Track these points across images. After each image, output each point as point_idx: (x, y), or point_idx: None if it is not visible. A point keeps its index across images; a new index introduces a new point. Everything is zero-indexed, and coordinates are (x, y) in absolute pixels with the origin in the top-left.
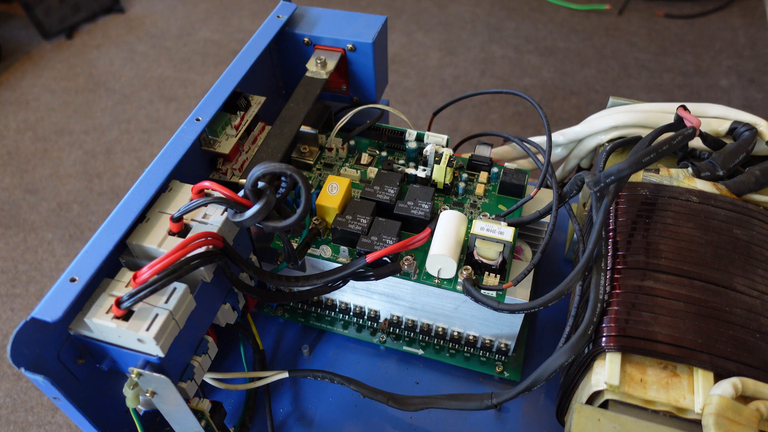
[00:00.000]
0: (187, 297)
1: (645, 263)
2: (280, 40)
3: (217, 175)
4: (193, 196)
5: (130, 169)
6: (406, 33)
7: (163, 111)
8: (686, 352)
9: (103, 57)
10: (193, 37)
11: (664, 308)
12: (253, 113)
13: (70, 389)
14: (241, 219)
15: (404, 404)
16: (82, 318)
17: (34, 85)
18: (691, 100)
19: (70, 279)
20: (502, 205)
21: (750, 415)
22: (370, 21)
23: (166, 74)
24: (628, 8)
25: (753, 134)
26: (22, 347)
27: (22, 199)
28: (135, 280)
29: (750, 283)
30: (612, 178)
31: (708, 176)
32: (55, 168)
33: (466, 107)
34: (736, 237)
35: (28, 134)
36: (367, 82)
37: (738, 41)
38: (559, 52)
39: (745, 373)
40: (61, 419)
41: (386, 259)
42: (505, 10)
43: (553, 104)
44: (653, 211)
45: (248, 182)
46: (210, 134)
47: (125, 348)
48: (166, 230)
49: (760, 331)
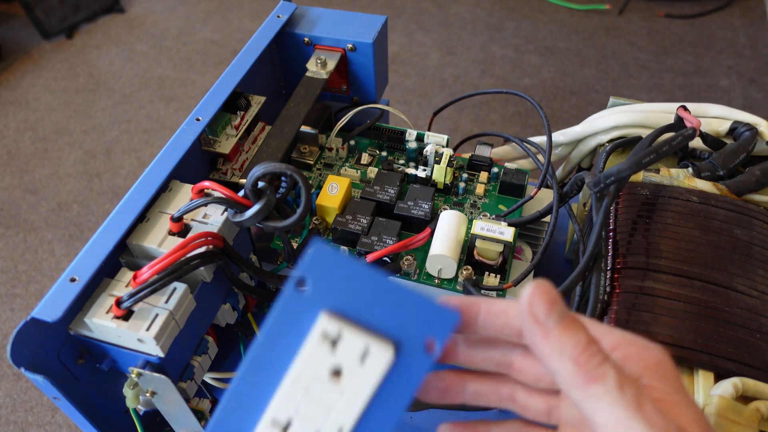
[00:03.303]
0: (187, 297)
1: (645, 263)
2: (280, 40)
3: (217, 175)
4: (193, 196)
5: (130, 169)
6: (406, 33)
7: (163, 111)
8: (686, 352)
9: (103, 57)
10: (193, 37)
11: (664, 308)
12: (253, 113)
13: (70, 389)
14: (241, 219)
15: None
16: (82, 318)
17: (34, 84)
18: (692, 100)
19: (70, 279)
20: (502, 205)
21: (750, 415)
22: (370, 21)
23: (167, 74)
24: (628, 8)
25: (753, 134)
26: (22, 347)
27: (22, 199)
28: (135, 280)
29: (750, 283)
30: (612, 178)
31: (708, 176)
32: (55, 168)
33: (466, 107)
34: (737, 237)
35: (28, 134)
36: (367, 82)
37: (738, 41)
38: (559, 52)
39: (745, 373)
40: (61, 419)
41: (386, 259)
42: (505, 10)
43: (553, 104)
44: (653, 211)
45: (248, 182)
46: (210, 134)
47: (125, 348)
48: (166, 230)
49: (760, 331)
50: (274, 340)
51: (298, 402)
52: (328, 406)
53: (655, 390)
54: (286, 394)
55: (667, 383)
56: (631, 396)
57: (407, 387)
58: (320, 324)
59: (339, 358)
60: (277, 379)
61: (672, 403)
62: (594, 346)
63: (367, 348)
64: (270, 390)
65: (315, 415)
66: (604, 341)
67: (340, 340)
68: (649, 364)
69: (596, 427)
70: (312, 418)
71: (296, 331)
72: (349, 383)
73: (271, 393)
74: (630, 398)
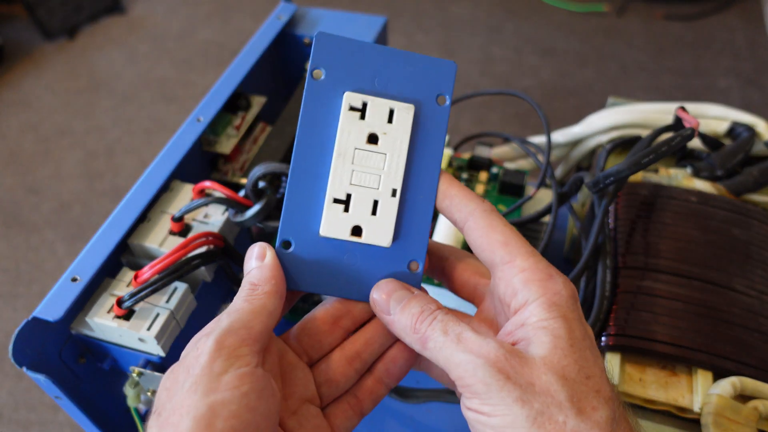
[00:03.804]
0: (188, 297)
1: (644, 263)
2: (280, 40)
3: (217, 175)
4: (194, 196)
5: (132, 169)
6: (406, 34)
7: (164, 111)
8: (685, 351)
9: (105, 58)
10: (194, 37)
11: (663, 308)
12: (254, 114)
13: (72, 388)
14: (242, 219)
15: (407, 396)
16: (83, 317)
17: (36, 85)
18: (690, 100)
19: (71, 278)
20: (502, 205)
21: (749, 414)
22: (370, 22)
23: (168, 75)
24: (627, 10)
25: (751, 135)
26: (24, 346)
27: (24, 199)
28: (136, 279)
29: (748, 282)
30: (611, 179)
31: (707, 176)
32: (57, 168)
33: (466, 107)
34: (735, 237)
35: (30, 135)
36: None
37: (736, 42)
38: (558, 53)
39: (744, 373)
40: (63, 418)
41: None
42: (505, 11)
43: (553, 105)
44: (652, 211)
45: (249, 182)
46: (211, 134)
47: (126, 347)
48: (167, 230)
49: (759, 330)
50: (310, 130)
51: (350, 174)
52: (376, 169)
53: (536, 315)
54: (337, 169)
55: (549, 311)
56: (453, 336)
57: (436, 138)
58: (346, 100)
59: (370, 123)
60: (324, 163)
61: (543, 326)
62: (425, 313)
63: (392, 108)
64: (322, 175)
65: (367, 182)
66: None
67: (367, 108)
68: (546, 295)
69: (446, 372)
70: (366, 187)
71: (326, 114)
72: (386, 142)
73: (323, 177)
74: (452, 338)
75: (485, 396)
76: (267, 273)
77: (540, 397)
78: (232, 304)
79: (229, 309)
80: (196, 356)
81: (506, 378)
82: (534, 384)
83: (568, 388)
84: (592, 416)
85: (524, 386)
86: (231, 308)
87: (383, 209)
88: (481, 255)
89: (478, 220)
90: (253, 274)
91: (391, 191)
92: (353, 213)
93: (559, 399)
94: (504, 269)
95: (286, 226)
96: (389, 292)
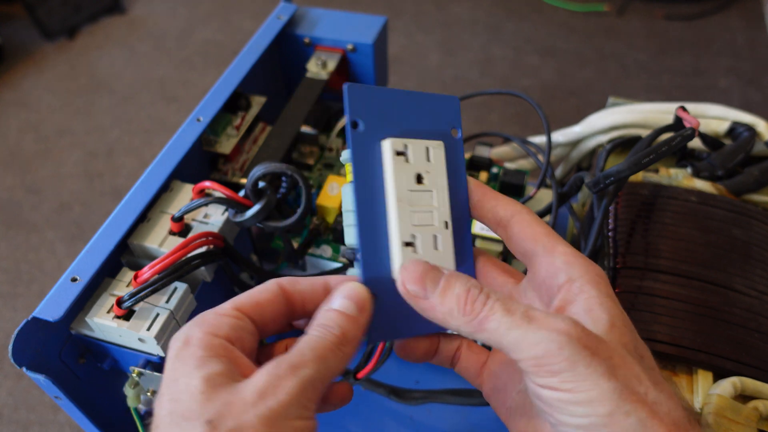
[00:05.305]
0: (188, 297)
1: (644, 263)
2: (280, 40)
3: (217, 175)
4: (194, 196)
5: (132, 169)
6: (406, 34)
7: (164, 111)
8: (685, 351)
9: (105, 57)
10: (194, 37)
11: (663, 308)
12: (253, 114)
13: (72, 388)
14: (242, 219)
15: (405, 398)
16: (83, 317)
17: (35, 85)
18: (690, 100)
19: (71, 278)
20: None
21: (749, 414)
22: (370, 22)
23: (167, 75)
24: (627, 9)
25: (752, 134)
26: (24, 346)
27: (24, 199)
28: (136, 279)
29: (749, 282)
30: (611, 179)
31: (707, 176)
32: (57, 168)
33: (466, 107)
34: (735, 237)
35: (30, 134)
36: (367, 82)
37: (737, 42)
38: (558, 53)
39: (744, 373)
40: (63, 418)
41: None
42: (505, 11)
43: (553, 105)
44: (652, 211)
45: (249, 182)
46: (211, 134)
47: (126, 347)
48: (167, 230)
49: (759, 330)
50: (363, 179)
51: (411, 216)
52: (429, 207)
53: (586, 292)
54: (401, 214)
55: (597, 289)
56: (520, 314)
57: (459, 166)
58: (390, 146)
59: (414, 164)
60: (381, 207)
61: (598, 303)
62: (473, 292)
63: (427, 147)
64: (381, 220)
65: (426, 220)
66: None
67: (408, 151)
68: (589, 274)
69: (509, 352)
70: (426, 225)
71: (372, 161)
72: (429, 180)
73: (382, 222)
74: (520, 316)
75: (569, 373)
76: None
77: (621, 371)
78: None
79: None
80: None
81: (592, 354)
82: (612, 358)
83: (639, 362)
84: (665, 388)
85: (608, 361)
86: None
87: (442, 242)
88: (523, 244)
89: (524, 215)
90: (347, 324)
91: (444, 224)
92: (422, 252)
93: (637, 371)
94: (547, 254)
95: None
96: (421, 275)
